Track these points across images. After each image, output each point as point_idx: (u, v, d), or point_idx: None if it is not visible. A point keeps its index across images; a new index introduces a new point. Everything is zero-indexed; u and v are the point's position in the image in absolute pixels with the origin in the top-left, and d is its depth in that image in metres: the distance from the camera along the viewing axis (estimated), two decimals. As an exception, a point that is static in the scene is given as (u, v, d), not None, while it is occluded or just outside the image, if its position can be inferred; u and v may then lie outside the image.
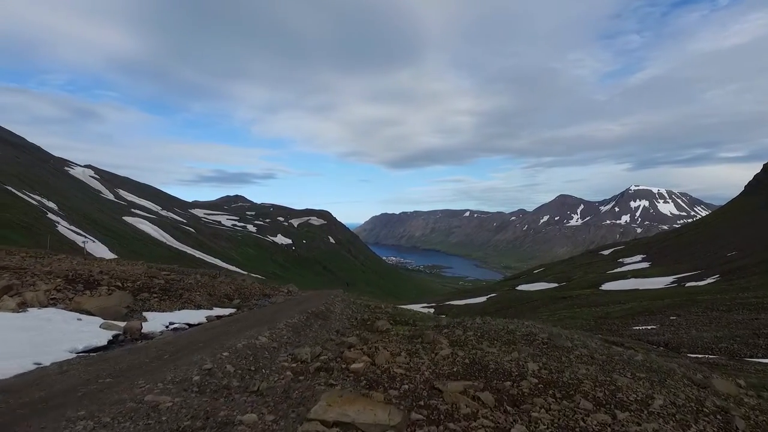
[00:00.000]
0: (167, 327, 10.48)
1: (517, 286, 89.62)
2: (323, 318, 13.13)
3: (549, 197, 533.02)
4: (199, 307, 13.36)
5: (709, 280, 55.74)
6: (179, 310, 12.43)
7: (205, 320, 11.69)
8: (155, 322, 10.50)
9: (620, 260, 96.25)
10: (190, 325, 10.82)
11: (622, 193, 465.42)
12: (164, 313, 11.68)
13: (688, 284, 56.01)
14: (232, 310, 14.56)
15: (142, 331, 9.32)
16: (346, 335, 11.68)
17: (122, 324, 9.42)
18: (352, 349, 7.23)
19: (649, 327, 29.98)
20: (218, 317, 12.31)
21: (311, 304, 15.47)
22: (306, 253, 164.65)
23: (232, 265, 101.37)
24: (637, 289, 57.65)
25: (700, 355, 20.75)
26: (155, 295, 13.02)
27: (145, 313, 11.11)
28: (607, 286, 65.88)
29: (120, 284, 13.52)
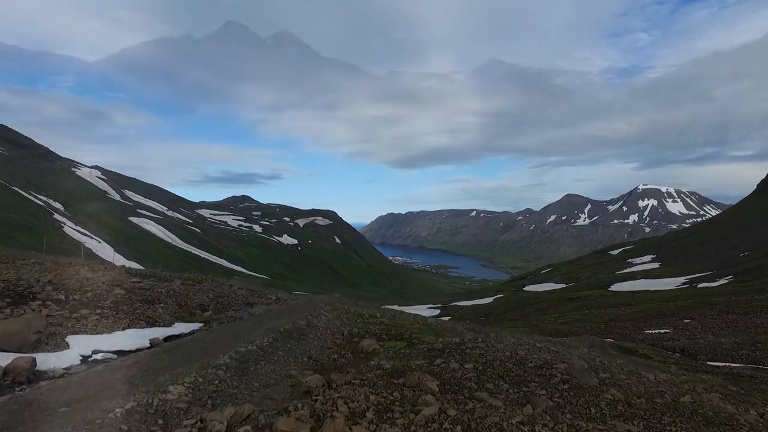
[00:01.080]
0: (86, 358, 8.26)
1: (524, 286, 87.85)
2: (297, 337, 11.13)
3: (556, 196, 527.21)
4: (153, 323, 11.27)
5: (722, 281, 53.43)
6: (124, 329, 10.28)
7: (147, 344, 9.62)
8: (74, 351, 8.30)
9: (629, 260, 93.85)
10: (122, 353, 8.78)
11: (630, 192, 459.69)
12: (99, 335, 9.46)
13: (701, 285, 53.75)
14: (197, 326, 12.57)
15: (37, 368, 7.05)
16: (320, 361, 9.68)
17: (6, 362, 7.03)
18: (300, 405, 5.16)
19: (662, 331, 28.54)
20: (167, 339, 10.24)
21: (289, 318, 13.48)
22: (312, 253, 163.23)
23: (238, 266, 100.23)
24: (648, 290, 55.77)
25: (720, 364, 19.07)
26: (98, 311, 10.98)
27: (69, 337, 8.93)
28: (617, 286, 64.05)
29: (63, 297, 11.54)
